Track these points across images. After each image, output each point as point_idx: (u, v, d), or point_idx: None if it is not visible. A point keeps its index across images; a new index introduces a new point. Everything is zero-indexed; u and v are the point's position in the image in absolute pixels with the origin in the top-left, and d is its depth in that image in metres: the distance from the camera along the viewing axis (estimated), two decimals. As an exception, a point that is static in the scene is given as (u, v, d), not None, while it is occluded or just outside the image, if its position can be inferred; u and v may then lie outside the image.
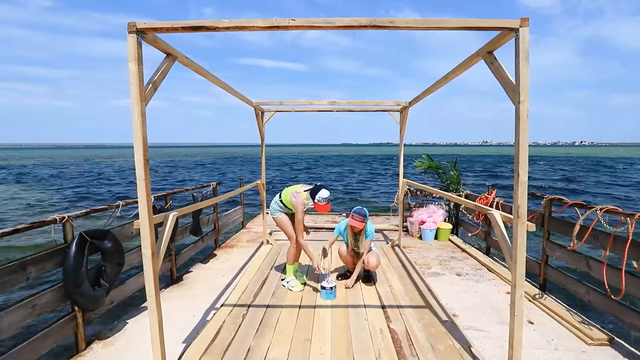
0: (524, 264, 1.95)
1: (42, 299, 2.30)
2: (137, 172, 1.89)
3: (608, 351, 2.52)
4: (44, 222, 2.35)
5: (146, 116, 1.89)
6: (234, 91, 3.51)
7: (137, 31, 1.77)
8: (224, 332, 2.67)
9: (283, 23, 1.82)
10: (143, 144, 1.86)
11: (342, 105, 4.86)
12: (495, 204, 4.60)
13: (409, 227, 6.05)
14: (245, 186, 5.25)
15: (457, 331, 2.69)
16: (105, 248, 2.72)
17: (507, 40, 1.87)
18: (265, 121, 5.00)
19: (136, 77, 1.79)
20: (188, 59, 2.27)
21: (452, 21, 1.81)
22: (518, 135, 1.83)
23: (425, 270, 4.28)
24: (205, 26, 1.79)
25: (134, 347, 2.59)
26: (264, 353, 2.39)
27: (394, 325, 2.79)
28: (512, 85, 1.86)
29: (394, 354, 2.38)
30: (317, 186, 3.37)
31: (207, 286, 3.77)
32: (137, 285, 3.28)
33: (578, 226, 3.01)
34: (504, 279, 3.93)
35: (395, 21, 1.81)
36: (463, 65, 2.39)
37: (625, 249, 2.56)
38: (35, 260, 2.26)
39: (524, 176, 1.86)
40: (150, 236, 1.96)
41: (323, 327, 2.76)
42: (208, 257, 4.81)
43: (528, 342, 2.60)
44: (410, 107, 4.46)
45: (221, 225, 5.49)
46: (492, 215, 2.27)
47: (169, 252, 3.92)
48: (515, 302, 1.96)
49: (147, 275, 1.98)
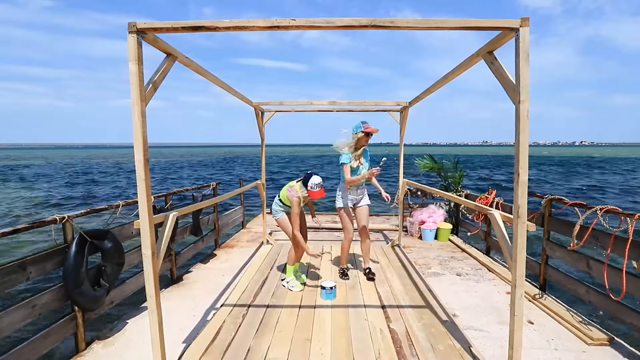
0: (524, 264, 1.95)
1: (42, 299, 2.30)
2: (137, 172, 1.89)
3: (608, 351, 2.52)
4: (44, 222, 2.35)
5: (146, 116, 1.89)
6: (234, 91, 3.51)
7: (137, 31, 1.77)
8: (224, 332, 2.67)
9: (283, 23, 1.82)
10: (143, 144, 1.86)
11: (342, 105, 4.86)
12: (495, 204, 4.60)
13: (408, 227, 6.05)
14: (245, 186, 5.25)
15: (457, 331, 2.69)
16: (105, 248, 2.72)
17: (507, 40, 1.87)
18: (265, 121, 5.00)
19: (136, 77, 1.79)
20: (188, 59, 2.27)
21: (452, 21, 1.81)
22: (518, 135, 1.83)
23: (425, 270, 4.28)
24: (206, 26, 1.79)
25: (134, 347, 2.59)
26: (264, 353, 2.39)
27: (394, 325, 2.79)
28: (512, 85, 1.86)
29: (394, 354, 2.38)
30: (307, 174, 3.29)
31: (207, 286, 3.77)
32: (137, 285, 3.27)
33: (578, 226, 3.01)
34: (504, 279, 3.93)
35: (396, 21, 1.81)
36: (463, 65, 2.39)
37: (625, 249, 2.56)
38: (35, 260, 2.26)
39: (524, 176, 1.86)
40: (150, 236, 1.96)
41: (323, 327, 2.76)
42: (208, 257, 4.81)
43: (528, 342, 2.60)
44: (410, 107, 4.46)
45: (221, 225, 5.49)
46: (492, 215, 2.27)
47: (169, 252, 3.92)
48: (515, 302, 1.97)
49: (147, 275, 1.98)
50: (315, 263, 4.26)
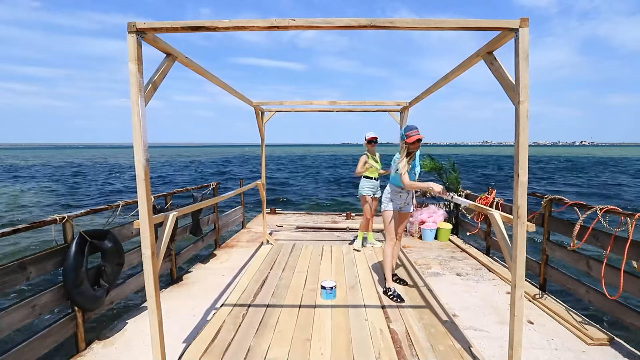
0: (524, 264, 1.95)
1: (42, 299, 2.30)
2: (137, 172, 1.88)
3: (608, 351, 2.52)
4: (44, 222, 2.35)
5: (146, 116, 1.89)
6: (234, 91, 3.51)
7: (137, 31, 1.77)
8: (224, 332, 2.67)
9: (283, 23, 1.82)
10: (143, 144, 1.86)
11: (342, 105, 4.86)
12: (495, 204, 4.60)
13: (408, 227, 6.04)
14: (245, 186, 5.25)
15: (457, 331, 2.69)
16: (105, 248, 2.72)
17: (506, 40, 1.87)
18: (265, 121, 5.00)
19: (136, 77, 1.79)
20: (188, 59, 2.27)
21: (451, 21, 1.81)
22: (518, 135, 1.83)
23: (425, 270, 4.28)
24: (205, 26, 1.79)
25: (134, 347, 2.59)
26: (264, 353, 2.39)
27: (394, 325, 2.79)
28: (512, 85, 1.86)
29: (393, 354, 2.38)
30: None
31: (207, 286, 3.77)
32: (137, 285, 3.28)
33: (578, 226, 3.01)
34: (504, 279, 3.93)
35: (395, 21, 1.81)
36: (463, 65, 2.39)
37: (625, 249, 2.56)
38: (35, 260, 2.26)
39: (524, 176, 1.86)
40: (150, 236, 1.96)
41: (323, 327, 2.76)
42: (208, 257, 4.81)
43: (528, 342, 2.60)
44: (410, 107, 4.46)
45: (221, 225, 5.49)
46: (492, 215, 2.27)
47: (168, 252, 3.92)
48: (515, 302, 1.97)
49: (147, 275, 1.98)
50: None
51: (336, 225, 6.61)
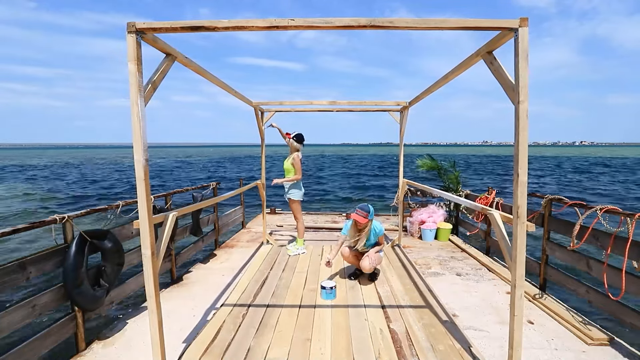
0: (524, 264, 1.95)
1: (42, 299, 2.30)
2: (137, 172, 1.88)
3: (608, 351, 2.52)
4: (44, 222, 2.35)
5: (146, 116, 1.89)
6: (234, 91, 3.51)
7: (137, 31, 1.77)
8: (224, 332, 2.67)
9: (282, 23, 1.82)
10: (143, 144, 1.86)
11: (342, 105, 4.85)
12: (495, 204, 4.60)
13: (408, 227, 6.04)
14: (245, 186, 5.25)
15: (457, 331, 2.68)
16: (105, 248, 2.72)
17: (506, 40, 1.87)
18: (265, 121, 5.00)
19: (135, 77, 1.79)
20: (188, 59, 2.27)
21: (451, 21, 1.81)
22: (518, 135, 1.83)
23: (425, 270, 4.28)
24: (205, 26, 1.79)
25: (134, 347, 2.60)
26: (264, 353, 2.39)
27: (394, 325, 2.79)
28: (512, 85, 1.86)
29: (393, 354, 2.38)
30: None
31: (207, 286, 3.77)
32: (137, 285, 3.28)
33: (578, 226, 3.01)
34: (504, 279, 3.93)
35: (395, 21, 1.81)
36: (463, 65, 2.39)
37: (625, 249, 2.56)
38: (35, 260, 2.26)
39: (524, 176, 1.86)
40: (150, 236, 1.96)
41: (323, 327, 2.76)
42: (208, 257, 4.81)
43: (528, 342, 2.60)
44: (410, 107, 4.46)
45: (221, 225, 5.50)
46: (492, 215, 2.26)
47: (168, 252, 3.92)
48: (515, 302, 1.96)
49: (147, 275, 1.98)
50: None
51: (336, 225, 6.61)
